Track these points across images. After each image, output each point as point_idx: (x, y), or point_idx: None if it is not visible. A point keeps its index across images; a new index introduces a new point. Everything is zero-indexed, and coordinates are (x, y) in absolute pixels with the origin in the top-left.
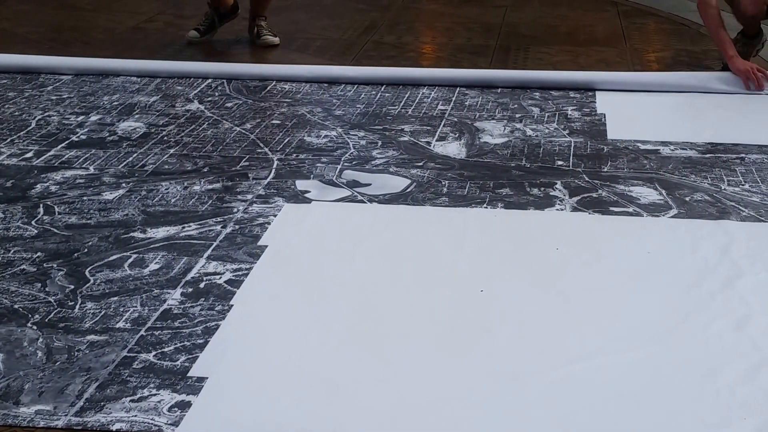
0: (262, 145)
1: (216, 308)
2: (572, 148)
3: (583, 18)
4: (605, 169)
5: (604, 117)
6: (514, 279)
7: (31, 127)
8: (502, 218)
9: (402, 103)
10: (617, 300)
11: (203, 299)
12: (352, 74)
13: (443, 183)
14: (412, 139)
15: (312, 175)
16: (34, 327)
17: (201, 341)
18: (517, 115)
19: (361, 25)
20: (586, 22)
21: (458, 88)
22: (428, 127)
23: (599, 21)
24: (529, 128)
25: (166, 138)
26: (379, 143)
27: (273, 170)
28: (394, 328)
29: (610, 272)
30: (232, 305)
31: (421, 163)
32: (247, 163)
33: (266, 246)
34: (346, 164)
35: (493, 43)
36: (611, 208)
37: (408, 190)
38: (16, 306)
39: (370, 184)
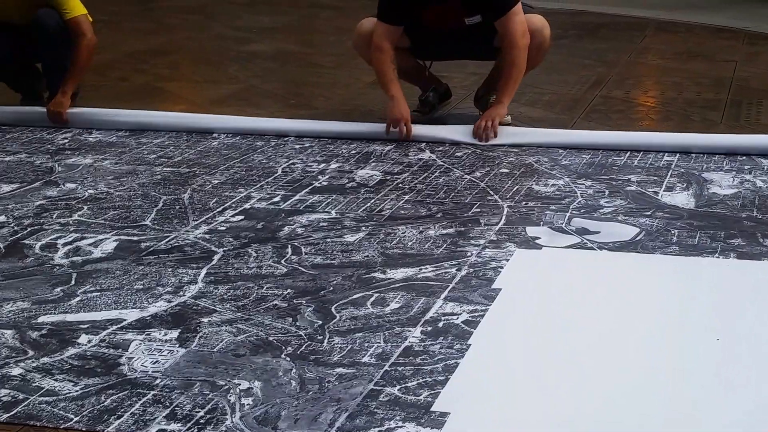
0: (491, 192)
1: (455, 347)
2: None
3: None
4: None
5: None
6: (752, 329)
7: (277, 174)
8: (736, 268)
9: (627, 154)
10: None
11: (442, 338)
12: (580, 141)
13: (672, 232)
14: (639, 188)
15: (542, 222)
16: (288, 358)
17: (442, 378)
18: (746, 167)
19: (587, 80)
20: None
21: None
22: (655, 177)
23: None
24: (759, 180)
25: (400, 185)
26: (606, 192)
27: (503, 217)
28: (628, 376)
29: None
30: (469, 345)
31: (649, 212)
32: (478, 210)
33: (500, 289)
34: (574, 212)
35: (724, 97)
36: None
37: (637, 238)
38: (270, 338)
39: (599, 232)
